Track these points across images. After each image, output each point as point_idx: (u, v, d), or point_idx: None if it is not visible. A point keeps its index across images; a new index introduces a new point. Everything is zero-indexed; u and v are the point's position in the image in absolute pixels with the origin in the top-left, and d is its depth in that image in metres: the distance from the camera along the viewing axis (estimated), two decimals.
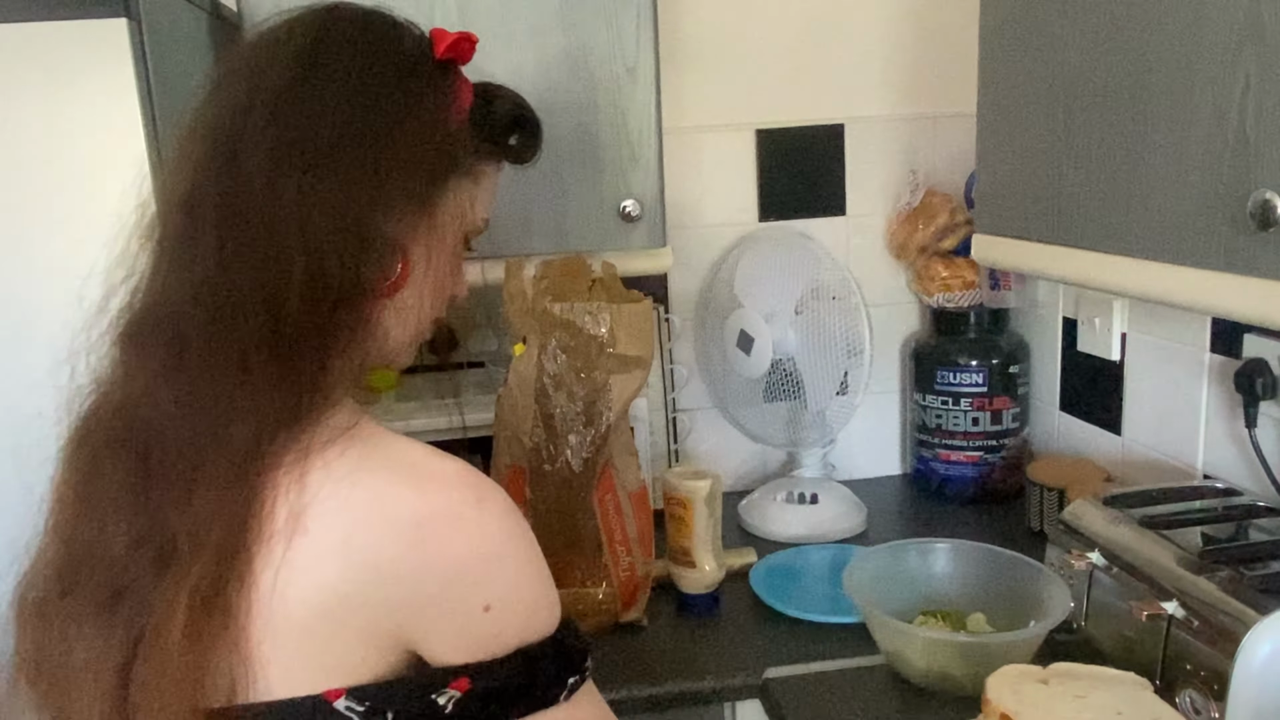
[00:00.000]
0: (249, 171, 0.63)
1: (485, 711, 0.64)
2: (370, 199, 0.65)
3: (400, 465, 0.62)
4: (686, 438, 1.68)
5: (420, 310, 0.72)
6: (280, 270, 0.62)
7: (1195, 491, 1.15)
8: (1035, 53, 0.99)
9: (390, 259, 0.67)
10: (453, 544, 0.61)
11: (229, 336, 0.61)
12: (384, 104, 0.67)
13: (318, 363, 0.63)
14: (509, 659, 0.64)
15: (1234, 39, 0.73)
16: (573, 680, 0.67)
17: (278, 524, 0.59)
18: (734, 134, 1.63)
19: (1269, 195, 0.70)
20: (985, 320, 1.58)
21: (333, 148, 0.64)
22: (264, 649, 0.60)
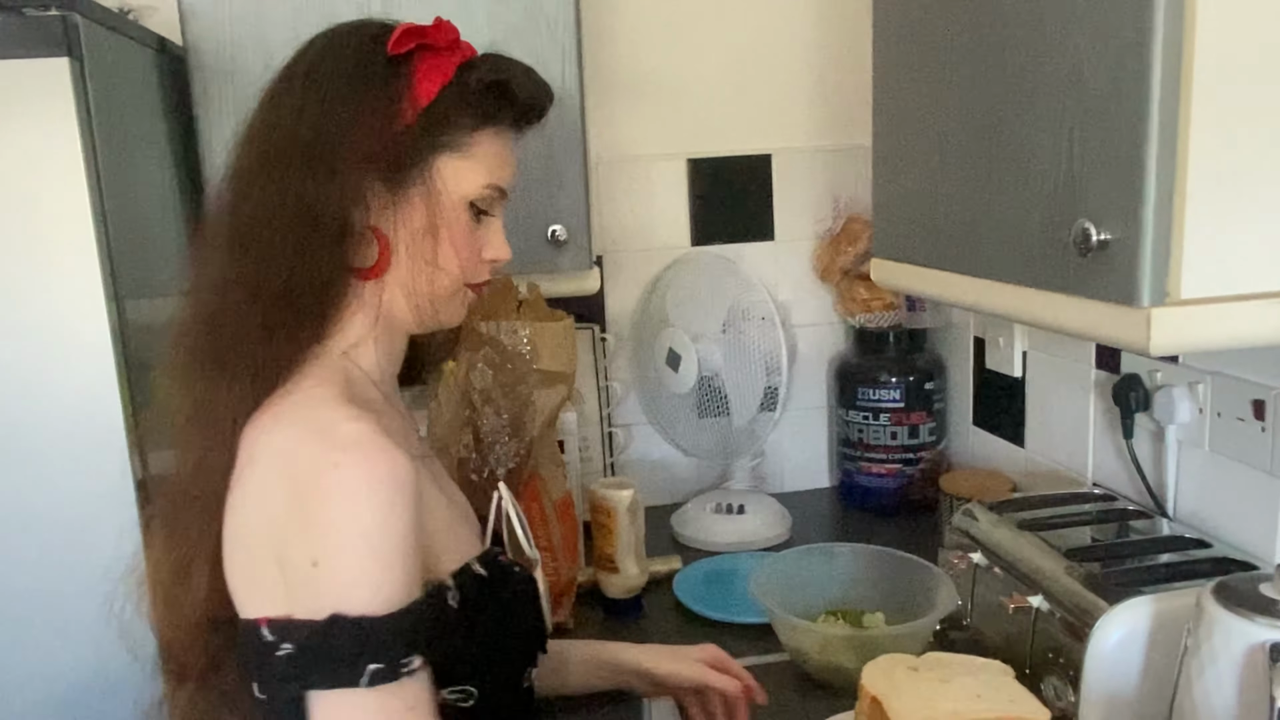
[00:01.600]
0: (236, 179, 0.77)
1: (300, 672, 0.67)
2: (330, 193, 0.74)
3: (304, 424, 0.71)
4: (622, 452, 1.75)
5: (414, 285, 0.79)
6: (260, 261, 0.73)
7: (1075, 498, 1.24)
8: (915, 96, 1.08)
9: (364, 245, 0.76)
10: (308, 497, 0.67)
11: (225, 325, 0.74)
12: (332, 106, 0.75)
13: (289, 343, 0.74)
14: (322, 622, 0.66)
15: (1061, 86, 0.82)
16: (374, 667, 0.67)
17: (236, 474, 0.72)
18: (668, 163, 1.72)
19: (1087, 225, 0.79)
20: (903, 339, 1.67)
21: (288, 151, 0.75)
22: (230, 575, 0.73)
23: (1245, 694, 0.78)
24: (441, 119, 0.77)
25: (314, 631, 0.67)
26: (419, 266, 0.79)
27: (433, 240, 0.78)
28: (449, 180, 0.79)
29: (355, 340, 0.80)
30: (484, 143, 0.80)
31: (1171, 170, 0.73)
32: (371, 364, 0.81)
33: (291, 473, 0.69)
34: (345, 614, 0.66)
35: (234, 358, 0.73)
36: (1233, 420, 1.08)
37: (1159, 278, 0.75)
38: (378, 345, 0.81)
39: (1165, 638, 0.90)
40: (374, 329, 0.80)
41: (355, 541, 0.67)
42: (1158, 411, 1.17)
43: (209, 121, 1.26)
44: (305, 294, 0.74)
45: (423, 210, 0.78)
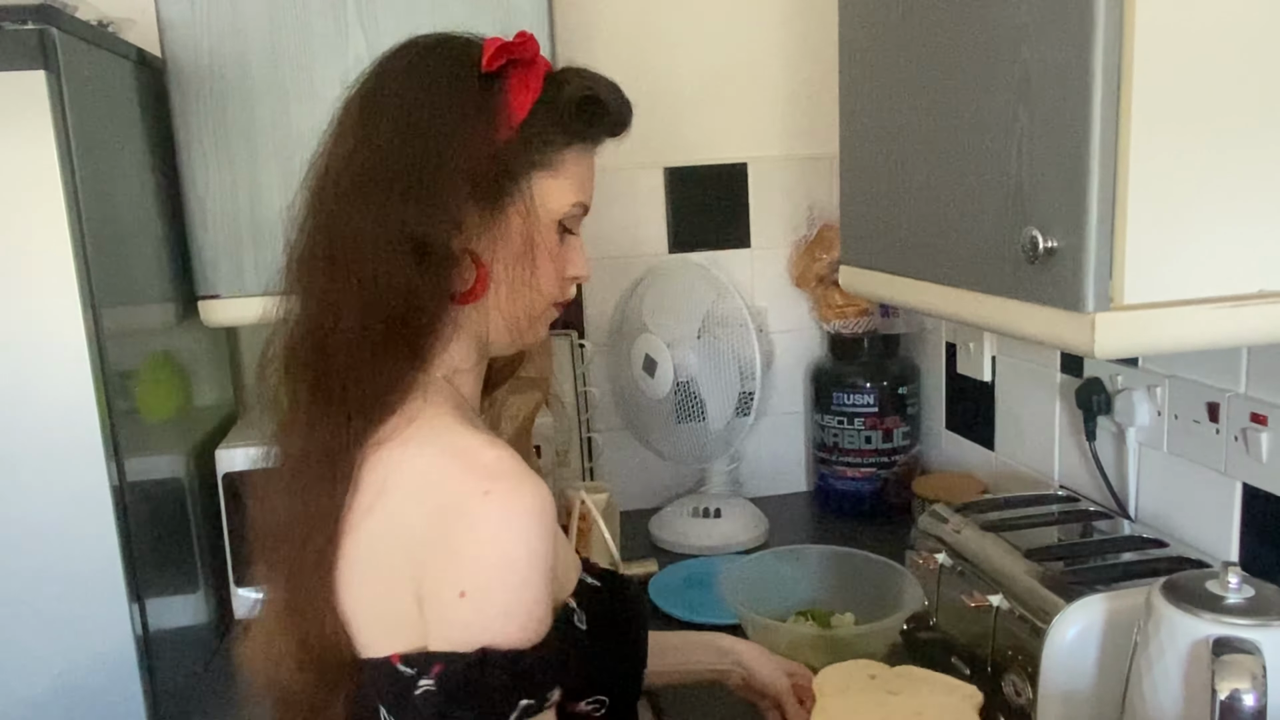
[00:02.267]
0: (328, 200, 0.75)
1: (443, 709, 0.65)
2: (426, 217, 0.72)
3: (444, 450, 0.69)
4: (601, 457, 1.77)
5: (512, 307, 0.77)
6: (365, 290, 0.72)
7: (1040, 499, 1.26)
8: (878, 106, 1.11)
9: (461, 269, 0.74)
10: (454, 525, 0.65)
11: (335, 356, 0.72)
12: (427, 129, 0.73)
13: (398, 371, 0.73)
14: (472, 656, 0.65)
15: (1011, 97, 0.85)
16: (525, 703, 0.66)
17: (360, 501, 0.70)
18: (646, 172, 1.75)
19: (1035, 233, 0.81)
20: (877, 345, 1.70)
21: (384, 176, 0.72)
22: (356, 613, 0.71)
23: (1190, 687, 0.80)
24: (535, 136, 0.75)
25: (465, 666, 0.65)
26: (516, 289, 0.77)
27: (530, 261, 0.76)
28: (541, 199, 0.77)
29: (455, 366, 0.78)
30: (573, 160, 0.78)
31: (1113, 180, 0.76)
32: (470, 389, 0.80)
33: (436, 500, 0.67)
34: (497, 648, 0.65)
35: (347, 389, 0.72)
36: (1189, 422, 1.11)
37: (1102, 284, 0.77)
38: (473, 369, 0.80)
39: (1119, 634, 0.93)
40: (474, 354, 0.79)
41: (505, 573, 0.66)
42: (1119, 414, 1.20)
43: (188, 133, 1.28)
44: (412, 322, 0.73)
45: (519, 231, 0.76)
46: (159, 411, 1.27)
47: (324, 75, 1.28)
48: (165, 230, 1.30)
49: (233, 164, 1.29)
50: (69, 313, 1.00)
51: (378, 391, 0.72)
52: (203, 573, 1.35)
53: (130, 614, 1.05)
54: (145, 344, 1.23)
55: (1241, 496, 1.05)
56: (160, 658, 1.12)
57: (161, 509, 1.21)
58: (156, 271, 1.28)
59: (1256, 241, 0.78)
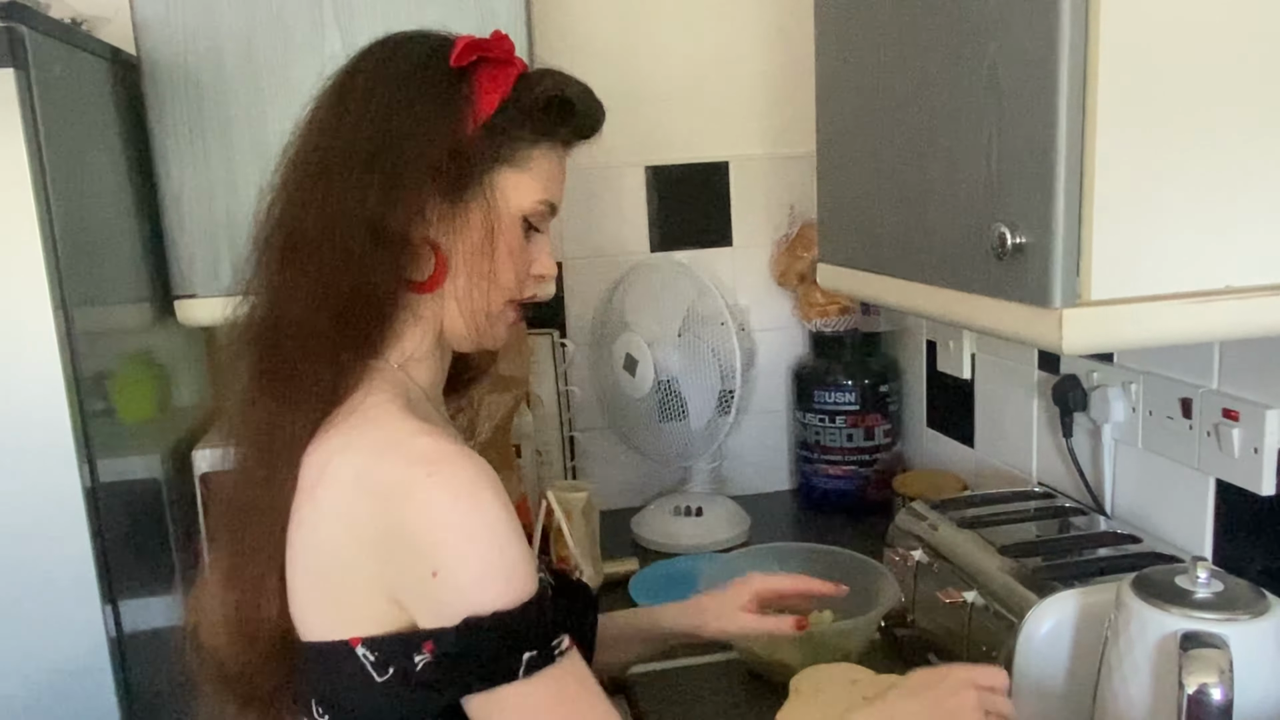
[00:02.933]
0: (290, 191, 0.77)
1: (448, 679, 0.68)
2: (384, 203, 0.73)
3: (380, 440, 0.71)
4: (582, 456, 1.77)
5: (470, 299, 0.78)
6: (321, 275, 0.73)
7: (1017, 496, 1.26)
8: (852, 106, 1.11)
9: (420, 259, 0.76)
10: (405, 512, 0.67)
11: (287, 340, 0.73)
12: (393, 117, 0.75)
13: (348, 357, 0.74)
14: (460, 628, 0.67)
15: (980, 94, 0.85)
16: (529, 655, 0.68)
17: (303, 491, 0.72)
18: (628, 171, 1.75)
19: (1003, 228, 0.81)
20: (859, 343, 1.70)
21: (349, 161, 0.74)
22: (299, 596, 0.73)
23: (1159, 681, 0.80)
24: (502, 132, 0.77)
25: (454, 637, 0.67)
26: (475, 281, 0.78)
27: (489, 254, 0.77)
28: (506, 194, 0.78)
29: (409, 354, 0.79)
30: (540, 158, 0.80)
31: (1080, 176, 0.76)
32: (425, 378, 0.81)
33: (377, 492, 0.69)
34: (479, 614, 0.67)
35: (297, 374, 0.73)
36: (1163, 418, 1.11)
37: (1070, 280, 0.77)
38: (429, 360, 0.81)
39: (1091, 629, 0.93)
40: (428, 343, 0.80)
41: (469, 544, 0.67)
42: (1094, 411, 1.20)
43: (163, 131, 1.28)
44: (366, 308, 0.74)
45: (480, 224, 0.77)
46: (136, 412, 1.26)
47: (300, 74, 1.28)
48: (141, 230, 1.30)
49: (209, 163, 1.28)
50: (39, 313, 0.99)
51: (326, 378, 0.73)
52: (180, 574, 1.34)
53: (103, 616, 1.05)
54: (121, 344, 1.22)
55: (1214, 492, 1.06)
56: (135, 660, 1.11)
57: (137, 510, 1.21)
58: (132, 271, 1.27)
59: (1223, 237, 0.78)
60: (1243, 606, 0.80)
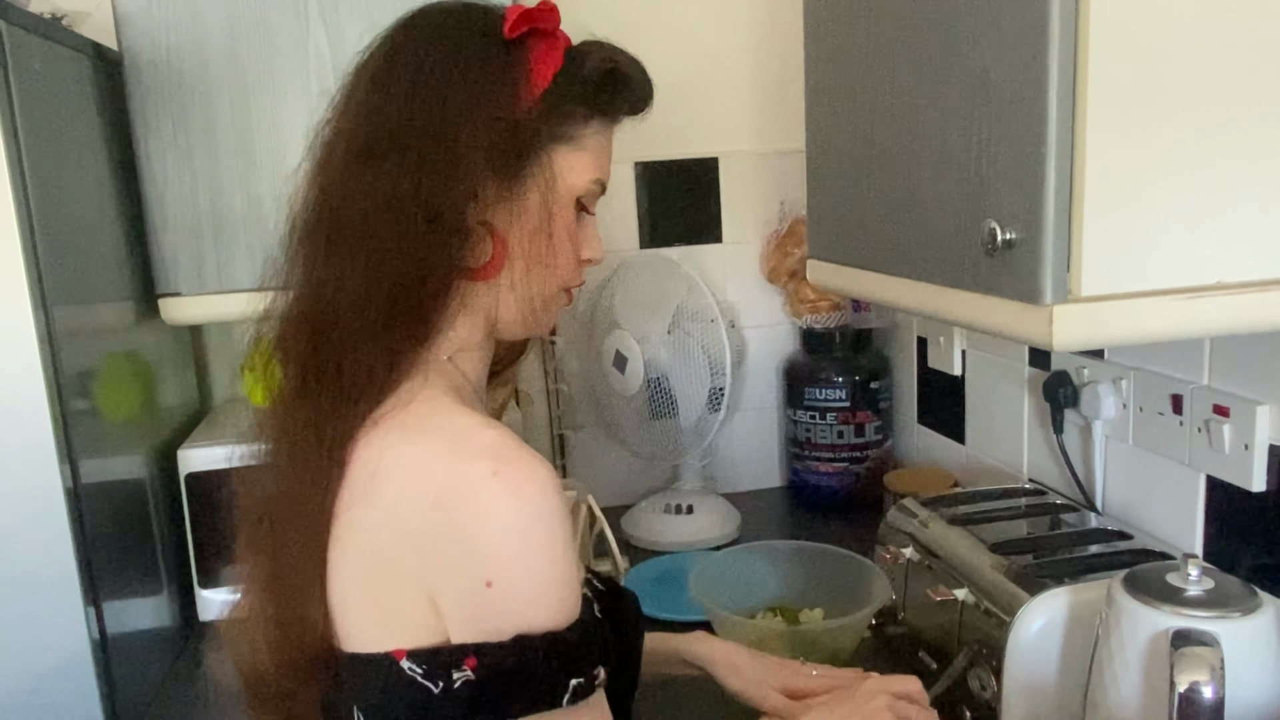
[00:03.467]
0: (331, 176, 0.71)
1: (489, 699, 0.63)
2: (440, 185, 0.68)
3: (438, 434, 0.66)
4: (572, 454, 1.76)
5: (527, 286, 0.74)
6: (370, 261, 0.68)
7: (1008, 492, 1.26)
8: (842, 102, 1.10)
9: (477, 243, 0.71)
10: (465, 513, 0.62)
11: (332, 330, 0.68)
12: (447, 94, 0.70)
13: (400, 348, 0.69)
14: (509, 644, 0.62)
15: (971, 90, 0.84)
16: (576, 683, 0.64)
17: (354, 490, 0.66)
18: (616, 167, 1.72)
19: (993, 225, 0.81)
20: (849, 340, 1.69)
21: (400, 141, 0.69)
22: (345, 603, 0.67)
23: (1150, 679, 0.80)
24: (556, 108, 0.72)
25: (503, 655, 0.62)
26: (534, 266, 0.73)
27: (548, 238, 0.73)
28: (562, 173, 0.73)
29: (461, 345, 0.74)
30: (594, 134, 0.76)
31: (1070, 172, 0.76)
32: (473, 370, 0.76)
33: (435, 488, 0.63)
34: (532, 632, 0.62)
35: (343, 366, 0.68)
36: (1154, 414, 1.11)
37: (1060, 276, 0.77)
38: (477, 350, 0.76)
39: (1082, 627, 0.92)
40: (481, 333, 0.75)
41: (528, 556, 0.62)
42: (1085, 407, 1.20)
43: (146, 126, 1.26)
44: (420, 297, 0.69)
45: (538, 206, 0.72)
46: (120, 411, 1.25)
47: (285, 69, 1.27)
48: (124, 227, 1.28)
49: (192, 160, 1.27)
50: (19, 312, 0.98)
51: (377, 369, 0.68)
52: (166, 575, 1.33)
53: (86, 618, 1.04)
54: (104, 343, 1.21)
55: (1205, 488, 1.06)
56: (120, 662, 1.10)
57: (122, 511, 1.20)
58: (115, 269, 1.26)
59: (1213, 233, 0.78)
60: (1234, 604, 0.80)
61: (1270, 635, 0.81)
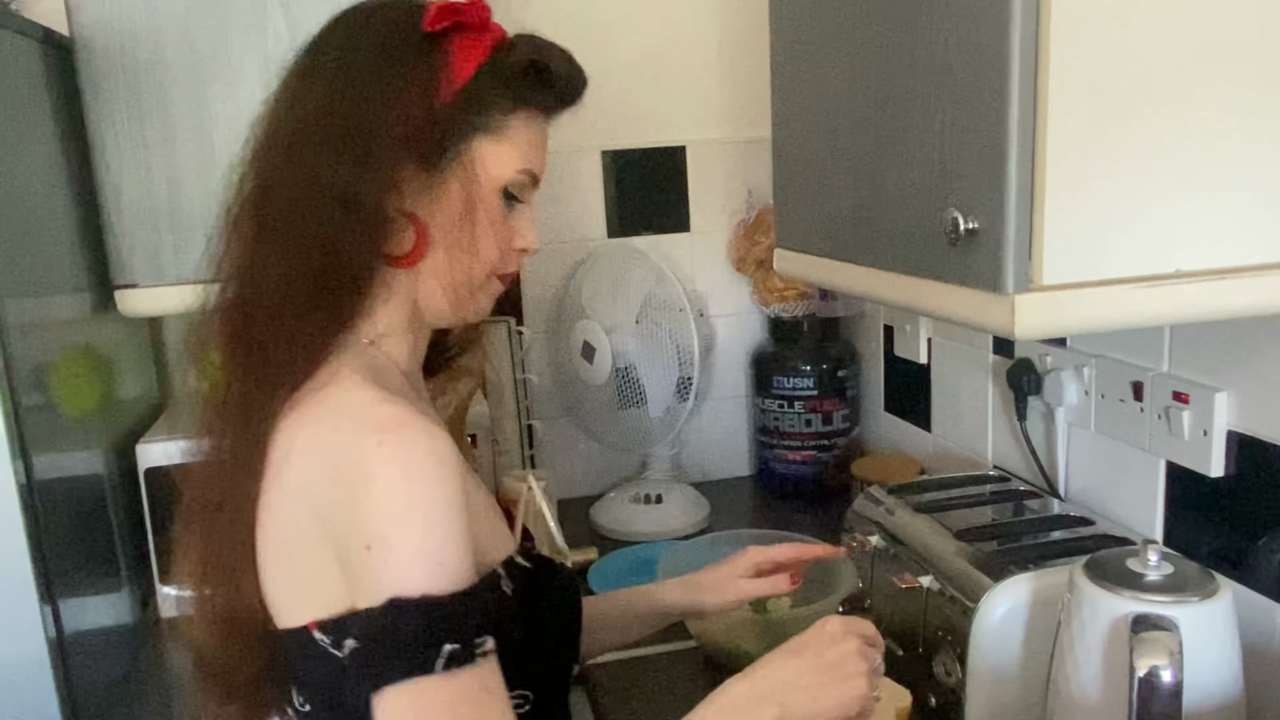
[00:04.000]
0: (259, 166, 0.74)
1: (371, 664, 0.64)
2: (358, 175, 0.71)
3: (338, 412, 0.69)
4: (541, 444, 1.76)
5: (450, 274, 0.75)
6: (292, 249, 0.71)
7: (973, 479, 1.27)
8: (809, 90, 1.10)
9: (398, 231, 0.73)
10: (351, 483, 0.65)
11: (257, 316, 0.71)
12: (366, 85, 0.72)
13: (321, 333, 0.72)
14: (381, 608, 0.63)
15: (933, 78, 0.84)
16: (450, 649, 0.64)
17: (270, 472, 0.69)
18: (584, 156, 1.72)
19: (956, 214, 0.81)
20: (817, 328, 1.70)
21: (321, 132, 0.72)
22: (272, 583, 0.71)
23: (1110, 663, 0.81)
24: (478, 99, 0.74)
25: (379, 617, 0.63)
26: (455, 254, 0.75)
27: (470, 226, 0.75)
28: (485, 164, 0.76)
29: (384, 330, 0.77)
30: (519, 126, 0.77)
31: (1031, 160, 0.76)
32: (400, 355, 0.79)
33: (332, 461, 0.66)
34: (406, 595, 0.63)
35: (267, 352, 0.71)
36: (1115, 401, 1.12)
37: (1022, 265, 0.77)
38: (403, 335, 0.79)
39: (1045, 613, 0.93)
40: (402, 318, 0.78)
41: (407, 521, 0.64)
42: (1048, 394, 1.21)
43: (99, 114, 1.23)
44: (340, 283, 0.72)
45: (459, 195, 0.75)
46: (78, 405, 1.23)
47: (242, 55, 1.24)
48: (78, 218, 1.25)
49: (148, 148, 1.24)
50: None
51: (297, 355, 0.71)
52: (126, 572, 1.30)
53: (43, 616, 1.02)
54: (58, 336, 1.18)
55: (1165, 474, 1.07)
56: (78, 661, 1.08)
57: (78, 507, 1.17)
58: (69, 261, 1.23)
59: (1172, 222, 0.79)
60: (1192, 588, 0.81)
61: (1228, 619, 0.82)
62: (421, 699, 0.63)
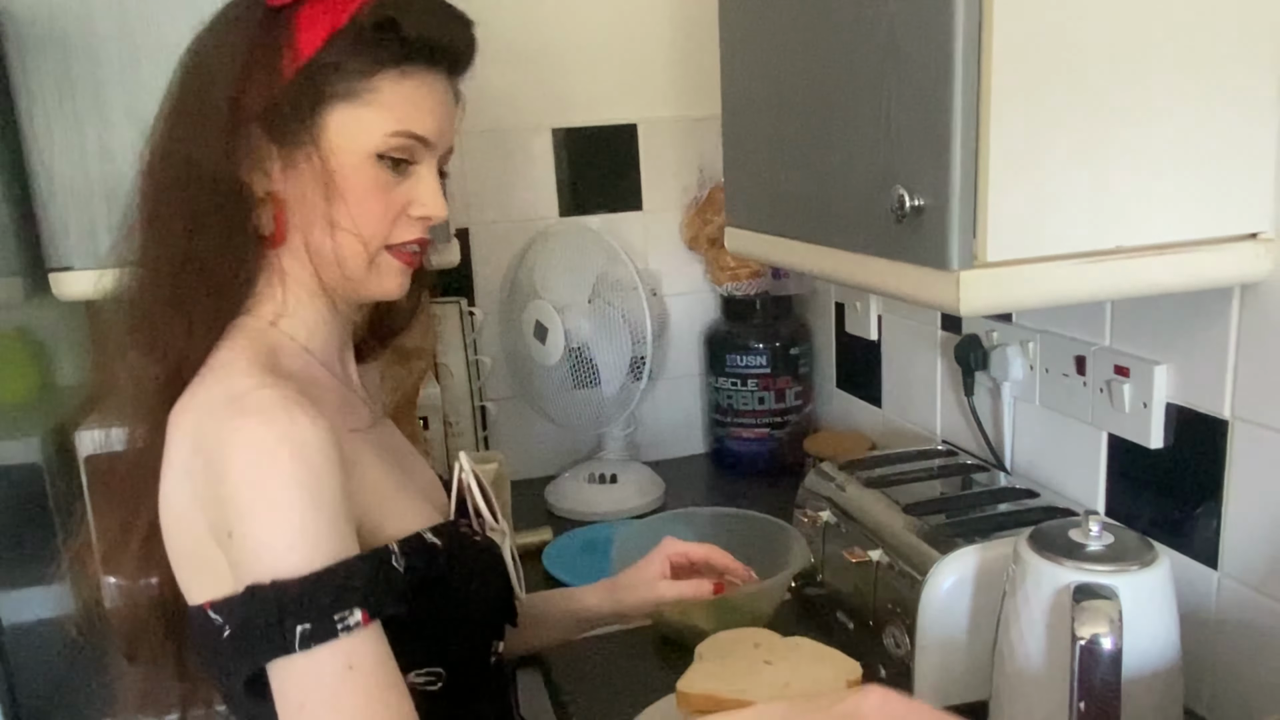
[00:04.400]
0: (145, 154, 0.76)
1: (241, 646, 0.65)
2: (218, 155, 0.71)
3: (215, 395, 0.70)
4: (495, 426, 1.74)
5: (331, 250, 0.74)
6: (164, 234, 0.73)
7: (922, 454, 1.29)
8: (757, 67, 1.10)
9: (259, 209, 0.74)
10: (215, 468, 0.66)
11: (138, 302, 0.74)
12: (214, 66, 0.73)
13: (207, 319, 0.73)
14: (242, 594, 0.64)
15: (879, 55, 0.84)
16: (302, 629, 0.63)
17: (165, 455, 0.71)
18: (535, 134, 1.71)
19: (902, 191, 0.81)
20: (770, 306, 1.70)
21: (180, 120, 0.74)
22: (175, 564, 0.73)
23: (1053, 632, 0.83)
24: (331, 69, 0.73)
25: (237, 605, 0.65)
26: (331, 230, 0.74)
27: (341, 200, 0.73)
28: (347, 132, 0.73)
29: (284, 310, 0.77)
30: (386, 88, 0.74)
31: (975, 138, 0.76)
32: (305, 334, 0.78)
33: (204, 448, 0.67)
34: (260, 581, 0.64)
35: (161, 338, 0.72)
36: (1059, 375, 1.14)
37: (967, 242, 0.78)
38: (307, 315, 0.78)
39: (991, 584, 0.95)
40: (299, 298, 0.77)
41: (261, 505, 0.64)
42: (994, 369, 1.23)
43: (28, 90, 1.18)
44: (212, 266, 0.73)
45: (317, 169, 0.73)
46: (13, 392, 1.19)
47: (175, 26, 1.19)
48: (9, 199, 1.21)
49: (80, 125, 1.20)
50: None
51: (188, 340, 0.72)
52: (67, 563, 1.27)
53: None
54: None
55: (1106, 446, 1.09)
56: (20, 653, 1.05)
57: (16, 496, 1.14)
58: (0, 244, 1.19)
59: (1113, 199, 0.80)
60: (1132, 557, 0.83)
61: (1166, 587, 0.84)
62: (291, 678, 0.64)
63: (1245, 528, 0.93)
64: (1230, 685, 0.96)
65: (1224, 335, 0.93)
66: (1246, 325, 0.91)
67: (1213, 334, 0.94)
